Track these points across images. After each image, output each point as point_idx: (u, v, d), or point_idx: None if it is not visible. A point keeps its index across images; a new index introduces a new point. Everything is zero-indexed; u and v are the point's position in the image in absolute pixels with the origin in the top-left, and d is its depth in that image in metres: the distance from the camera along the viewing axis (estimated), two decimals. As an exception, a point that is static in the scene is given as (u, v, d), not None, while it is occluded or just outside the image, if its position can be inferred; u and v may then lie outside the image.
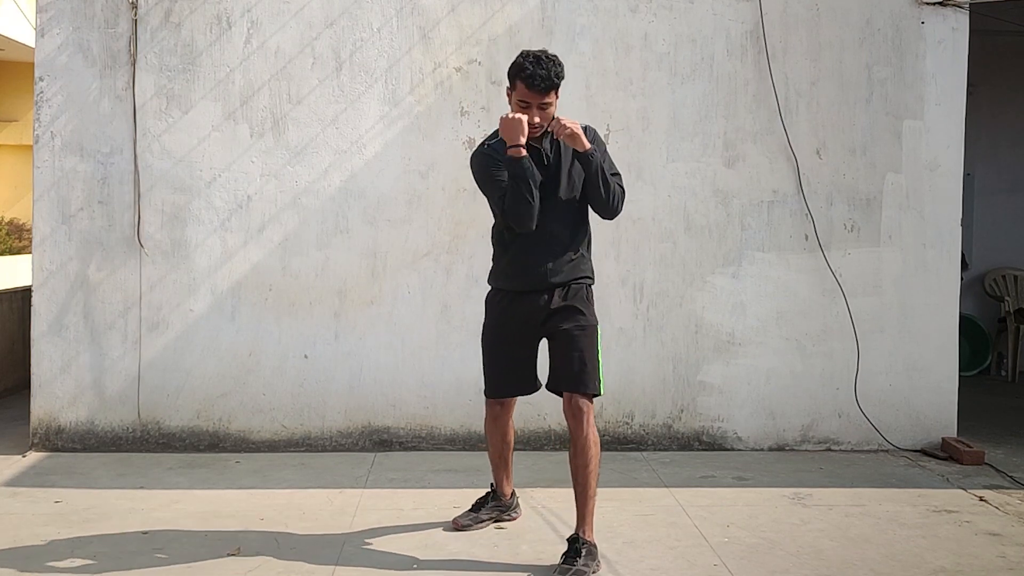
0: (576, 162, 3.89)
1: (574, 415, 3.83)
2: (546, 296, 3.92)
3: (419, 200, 5.73)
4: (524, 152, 3.77)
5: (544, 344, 4.03)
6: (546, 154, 3.90)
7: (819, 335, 5.87)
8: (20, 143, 12.77)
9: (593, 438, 3.82)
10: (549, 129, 3.87)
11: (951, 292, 5.93)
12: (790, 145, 5.81)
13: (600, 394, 3.89)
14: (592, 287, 4.01)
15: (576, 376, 3.86)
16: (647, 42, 5.78)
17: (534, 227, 3.81)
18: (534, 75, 3.74)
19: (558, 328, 3.91)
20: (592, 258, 4.10)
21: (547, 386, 4.01)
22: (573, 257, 3.94)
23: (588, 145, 3.79)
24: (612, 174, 3.92)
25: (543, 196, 3.84)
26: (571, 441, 3.88)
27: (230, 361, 5.70)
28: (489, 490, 4.42)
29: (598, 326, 3.97)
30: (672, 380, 5.83)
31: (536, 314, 3.94)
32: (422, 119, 5.73)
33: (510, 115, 3.79)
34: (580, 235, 3.97)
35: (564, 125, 3.78)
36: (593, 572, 3.74)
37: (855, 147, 5.86)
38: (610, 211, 3.93)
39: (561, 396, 3.92)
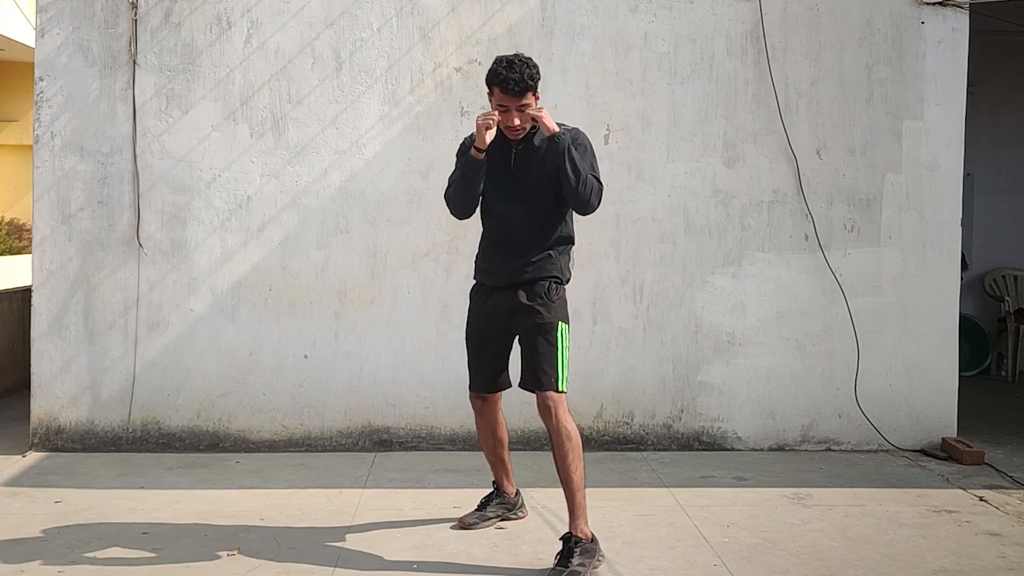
0: (549, 166, 3.92)
1: (543, 411, 3.90)
2: (510, 293, 3.99)
3: (419, 200, 5.73)
4: (482, 156, 3.91)
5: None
6: (515, 156, 3.98)
7: (819, 335, 5.87)
8: (20, 143, 12.77)
9: (567, 431, 3.84)
10: (528, 127, 3.93)
11: (951, 292, 5.93)
12: (790, 145, 5.81)
13: (561, 391, 3.89)
14: (560, 286, 4.02)
15: (535, 375, 3.91)
16: (647, 42, 5.78)
17: (464, 219, 4.14)
18: (507, 80, 3.85)
19: (520, 327, 4.00)
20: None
21: (519, 384, 4.06)
22: (537, 257, 3.98)
23: (555, 128, 3.87)
24: (592, 174, 3.93)
25: (510, 197, 3.97)
26: (548, 437, 3.92)
27: (230, 361, 5.70)
28: (492, 489, 4.44)
29: (561, 323, 3.95)
30: (672, 380, 5.83)
31: (502, 310, 4.03)
32: (422, 119, 5.73)
33: (483, 118, 3.90)
34: (549, 237, 4.00)
35: (534, 110, 3.88)
36: (593, 568, 3.74)
37: (855, 147, 5.86)
38: (582, 200, 3.88)
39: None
